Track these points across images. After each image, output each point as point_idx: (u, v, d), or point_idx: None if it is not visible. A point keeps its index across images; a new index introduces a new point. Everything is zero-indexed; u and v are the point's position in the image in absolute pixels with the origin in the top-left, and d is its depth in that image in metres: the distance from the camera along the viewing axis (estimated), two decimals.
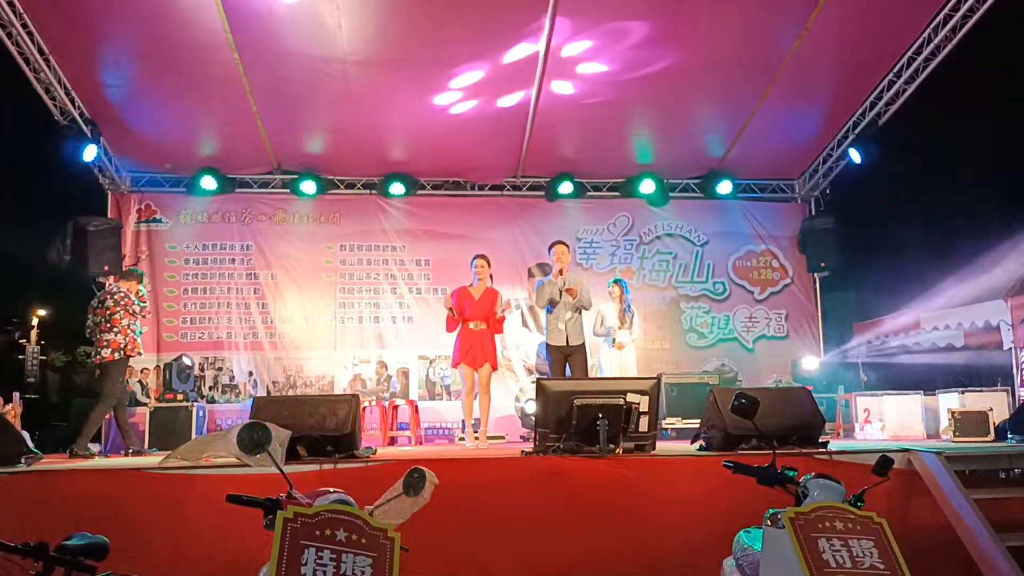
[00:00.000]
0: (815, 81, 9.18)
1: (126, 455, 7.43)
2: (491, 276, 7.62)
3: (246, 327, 10.33)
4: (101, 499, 4.78)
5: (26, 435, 6.52)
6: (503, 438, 9.23)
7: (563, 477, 5.15)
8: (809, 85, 9.21)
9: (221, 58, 8.25)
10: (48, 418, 12.77)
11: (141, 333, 7.81)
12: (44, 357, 16.35)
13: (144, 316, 7.90)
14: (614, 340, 8.54)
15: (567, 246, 7.65)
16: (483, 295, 7.51)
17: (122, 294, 7.57)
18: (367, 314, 10.60)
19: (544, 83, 8.81)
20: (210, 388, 10.19)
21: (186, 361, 9.32)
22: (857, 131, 9.82)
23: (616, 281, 8.87)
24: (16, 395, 8.76)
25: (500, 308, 7.47)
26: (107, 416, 9.81)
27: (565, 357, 7.40)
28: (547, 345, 7.52)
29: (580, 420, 5.35)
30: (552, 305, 7.43)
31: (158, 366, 9.88)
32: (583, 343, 7.49)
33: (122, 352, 7.38)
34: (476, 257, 7.61)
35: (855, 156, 9.80)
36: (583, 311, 7.51)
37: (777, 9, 8.13)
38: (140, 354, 7.78)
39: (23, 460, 5.53)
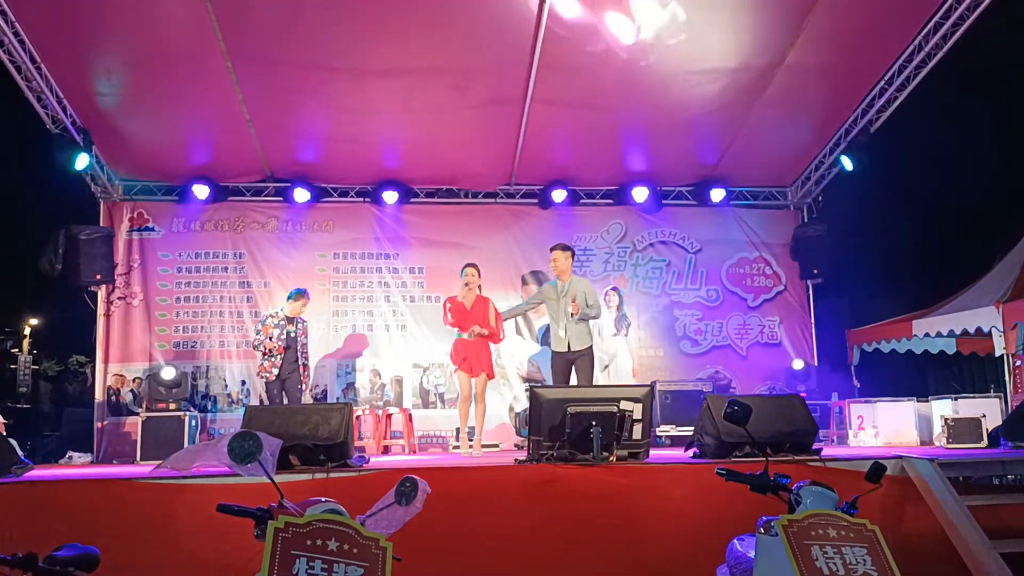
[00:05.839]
0: (807, 89, 9.19)
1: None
2: (480, 286, 7.65)
3: (239, 336, 10.27)
4: (91, 509, 4.77)
5: (15, 444, 6.47)
6: (497, 446, 9.21)
7: (557, 485, 5.15)
8: (801, 93, 9.22)
9: (213, 67, 8.24)
10: (40, 428, 12.65)
11: (275, 357, 8.34)
12: (36, 367, 16.18)
13: (269, 339, 8.37)
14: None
15: (563, 251, 7.63)
16: (475, 304, 7.52)
17: (268, 316, 8.53)
18: (361, 322, 10.55)
19: (536, 90, 8.82)
20: (203, 397, 10.14)
21: (163, 375, 9.22)
22: (849, 139, 9.84)
23: (613, 289, 9.09)
24: None
25: (493, 317, 7.49)
26: (100, 424, 9.87)
27: (568, 363, 7.36)
28: (551, 352, 7.56)
29: (574, 428, 5.35)
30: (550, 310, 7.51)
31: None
32: (589, 347, 7.43)
33: (264, 373, 8.36)
34: (466, 266, 7.63)
35: (847, 164, 9.82)
36: (590, 318, 7.48)
37: (769, 16, 8.16)
38: (272, 376, 8.34)
39: (13, 470, 5.51)
